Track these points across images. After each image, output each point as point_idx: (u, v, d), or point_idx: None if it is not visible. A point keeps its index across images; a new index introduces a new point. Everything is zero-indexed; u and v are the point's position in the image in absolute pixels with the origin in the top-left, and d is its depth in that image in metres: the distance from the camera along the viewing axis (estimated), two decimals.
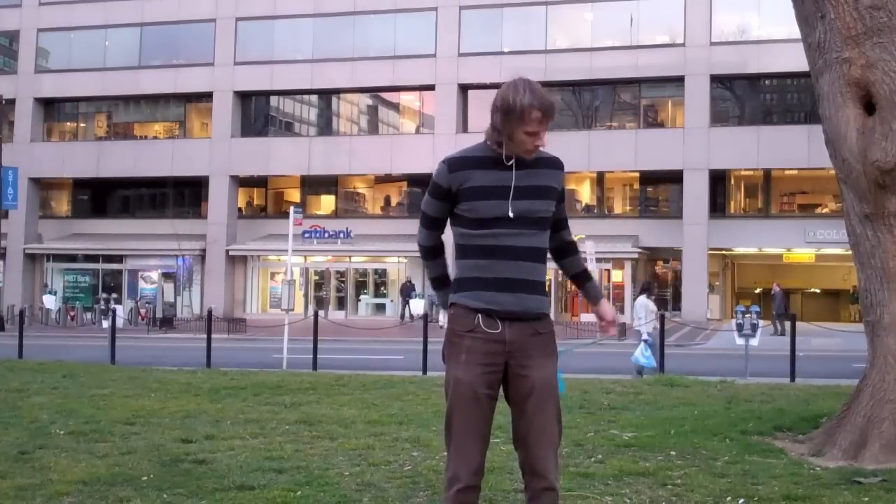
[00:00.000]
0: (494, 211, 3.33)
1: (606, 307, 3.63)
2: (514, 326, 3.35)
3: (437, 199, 3.43)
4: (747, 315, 15.00)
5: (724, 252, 35.42)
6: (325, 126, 37.94)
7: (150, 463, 5.86)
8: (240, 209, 38.07)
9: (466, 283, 3.41)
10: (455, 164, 3.39)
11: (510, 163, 3.35)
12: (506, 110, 3.28)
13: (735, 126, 33.64)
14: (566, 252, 3.66)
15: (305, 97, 38.21)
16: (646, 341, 13.70)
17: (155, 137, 39.15)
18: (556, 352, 3.47)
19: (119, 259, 38.06)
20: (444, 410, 3.45)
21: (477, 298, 3.36)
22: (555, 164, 3.48)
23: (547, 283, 33.31)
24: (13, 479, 5.37)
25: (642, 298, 14.68)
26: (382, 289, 37.29)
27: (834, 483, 5.40)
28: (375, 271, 37.47)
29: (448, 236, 3.38)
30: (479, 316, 3.35)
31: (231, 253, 36.41)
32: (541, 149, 3.40)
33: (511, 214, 3.31)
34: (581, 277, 3.69)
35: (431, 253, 3.59)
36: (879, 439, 6.19)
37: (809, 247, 33.48)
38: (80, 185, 39.91)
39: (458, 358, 3.38)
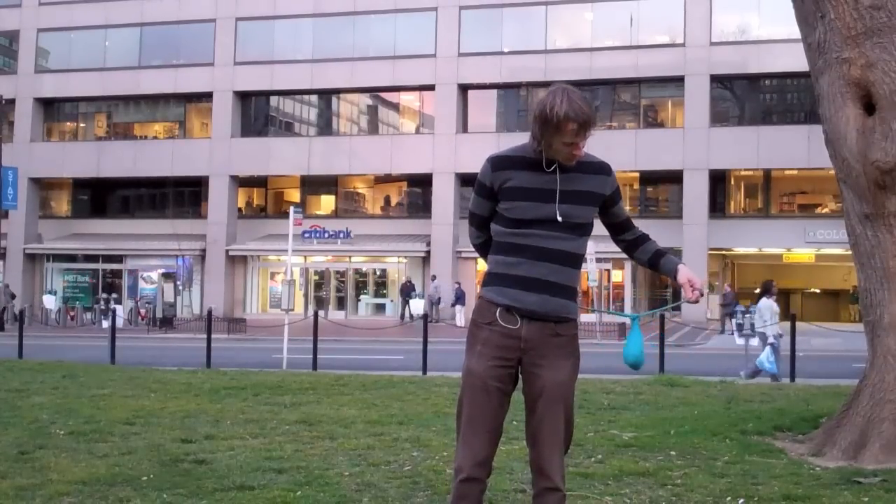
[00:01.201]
0: (535, 213, 3.35)
1: (684, 273, 3.56)
2: (533, 325, 3.36)
3: (482, 196, 3.47)
4: (747, 315, 14.99)
5: (724, 252, 35.42)
6: (325, 126, 37.94)
7: (150, 463, 5.86)
8: (240, 209, 38.07)
9: (495, 278, 3.44)
10: (498, 162, 3.43)
11: (552, 168, 3.37)
12: (543, 120, 3.28)
13: (735, 126, 33.64)
14: (636, 244, 3.66)
15: (305, 97, 38.21)
16: (772, 345, 13.34)
17: (155, 137, 39.15)
18: (576, 355, 3.46)
19: (119, 259, 38.06)
20: (457, 400, 3.51)
21: (502, 294, 3.39)
22: (601, 169, 3.49)
23: None
24: (13, 479, 5.37)
25: (765, 300, 13.98)
26: (382, 289, 37.28)
27: (834, 483, 5.40)
28: (375, 271, 37.47)
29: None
30: (500, 310, 3.38)
31: (231, 253, 36.41)
32: (586, 153, 3.44)
33: (560, 218, 3.33)
34: (656, 257, 3.65)
35: (482, 250, 3.62)
36: (879, 439, 6.19)
37: (809, 247, 33.48)
38: (79, 185, 39.92)
39: (474, 348, 3.43)
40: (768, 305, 13.72)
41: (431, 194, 34.63)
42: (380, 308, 36.56)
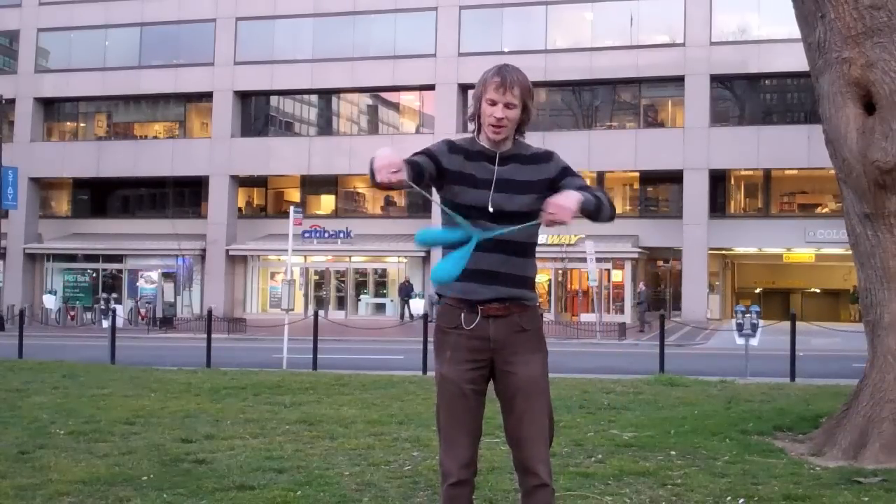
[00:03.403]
0: (473, 199, 3.32)
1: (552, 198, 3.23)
2: (499, 322, 3.34)
3: (423, 153, 3.38)
4: (747, 315, 14.97)
5: (724, 252, 35.43)
6: (325, 126, 37.93)
7: (150, 463, 5.87)
8: (240, 209, 38.06)
9: None
10: (452, 146, 3.43)
11: (493, 159, 3.35)
12: (476, 87, 3.38)
13: (735, 126, 33.62)
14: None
15: (305, 97, 38.20)
16: None
17: (155, 137, 39.14)
18: (544, 349, 3.44)
19: (119, 259, 38.07)
20: (434, 406, 3.48)
21: (451, 288, 3.36)
22: (541, 157, 3.43)
23: (545, 283, 33.60)
24: (13, 479, 5.38)
25: None
26: (382, 289, 37.29)
27: (834, 483, 5.41)
28: (375, 271, 37.48)
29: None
30: (463, 313, 3.35)
31: (231, 253, 36.41)
32: (528, 144, 3.43)
33: (491, 209, 3.30)
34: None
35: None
36: (879, 439, 6.20)
37: (809, 247, 33.47)
38: (80, 185, 39.91)
39: (443, 354, 3.40)
40: None
41: (431, 194, 34.59)
42: (380, 308, 36.56)
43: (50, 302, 34.81)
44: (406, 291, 33.74)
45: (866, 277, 6.66)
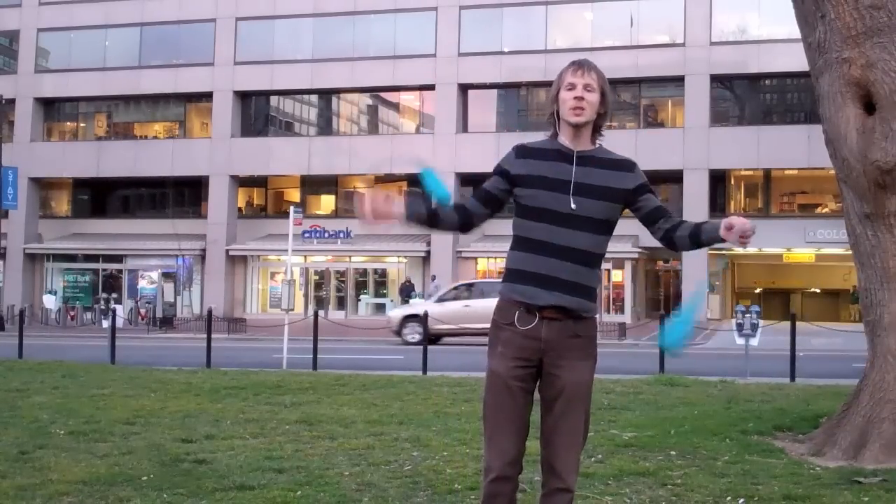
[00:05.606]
0: (548, 202, 3.35)
1: (726, 223, 3.22)
2: (553, 325, 3.36)
3: (496, 174, 3.47)
4: (747, 315, 14.96)
5: (723, 252, 35.42)
6: (325, 126, 37.93)
7: (150, 463, 5.87)
8: (240, 209, 38.05)
9: (510, 273, 3.46)
10: (522, 150, 3.47)
11: (571, 160, 3.36)
12: (552, 85, 3.50)
13: (735, 126, 33.63)
14: (675, 228, 3.41)
15: (305, 97, 38.20)
16: None
17: (155, 137, 39.14)
18: (594, 355, 3.47)
19: (119, 259, 38.05)
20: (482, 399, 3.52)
21: (514, 291, 3.41)
22: (621, 165, 3.44)
23: None
24: (13, 479, 5.38)
25: None
26: (382, 289, 37.28)
27: (834, 483, 5.41)
28: (375, 271, 37.47)
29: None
30: (518, 311, 3.38)
31: (231, 253, 36.41)
32: (609, 150, 3.47)
33: (573, 206, 3.32)
34: (696, 229, 3.37)
35: (451, 209, 3.52)
36: (879, 439, 6.20)
37: (809, 247, 33.47)
38: (80, 185, 39.89)
39: (495, 349, 3.44)
40: None
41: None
42: (380, 308, 36.52)
43: (50, 302, 34.81)
44: (407, 291, 33.71)
45: (866, 277, 6.66)
